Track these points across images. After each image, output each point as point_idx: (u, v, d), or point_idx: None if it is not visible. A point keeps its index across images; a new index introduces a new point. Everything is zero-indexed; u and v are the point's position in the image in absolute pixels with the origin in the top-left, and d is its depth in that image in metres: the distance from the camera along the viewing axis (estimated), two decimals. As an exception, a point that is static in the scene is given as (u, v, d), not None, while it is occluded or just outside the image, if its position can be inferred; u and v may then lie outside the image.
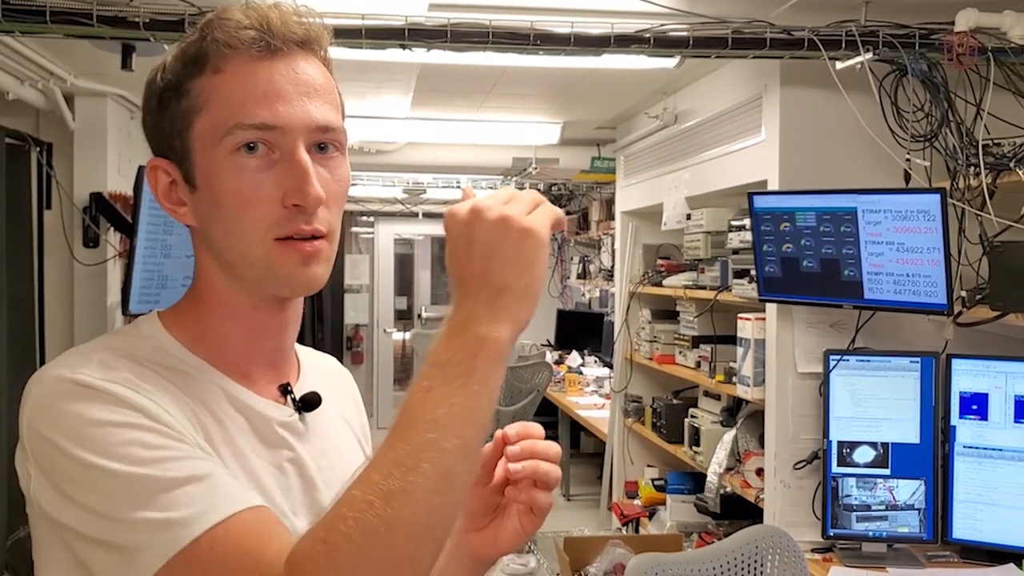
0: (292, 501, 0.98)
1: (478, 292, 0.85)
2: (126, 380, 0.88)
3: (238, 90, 0.93)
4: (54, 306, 4.20)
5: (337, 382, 1.18)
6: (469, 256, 0.86)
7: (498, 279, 0.85)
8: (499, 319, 0.85)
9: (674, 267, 4.52)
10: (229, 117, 0.93)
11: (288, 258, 0.94)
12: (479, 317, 0.84)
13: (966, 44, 2.61)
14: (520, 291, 0.86)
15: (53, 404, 0.86)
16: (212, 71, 0.94)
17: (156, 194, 0.99)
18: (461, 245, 0.86)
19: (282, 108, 0.93)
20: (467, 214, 0.86)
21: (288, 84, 0.94)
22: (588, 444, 7.48)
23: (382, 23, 2.67)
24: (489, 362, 0.83)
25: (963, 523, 2.86)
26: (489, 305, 0.85)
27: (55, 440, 0.84)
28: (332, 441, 1.07)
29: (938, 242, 2.65)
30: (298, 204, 0.93)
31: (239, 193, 0.93)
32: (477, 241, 0.86)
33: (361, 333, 9.78)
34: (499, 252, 0.85)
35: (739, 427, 3.64)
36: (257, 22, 0.94)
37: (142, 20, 2.52)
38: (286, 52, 0.95)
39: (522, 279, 0.86)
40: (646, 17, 2.80)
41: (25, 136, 3.92)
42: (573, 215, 8.14)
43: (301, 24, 0.97)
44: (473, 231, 0.86)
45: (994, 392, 2.83)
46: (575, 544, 3.68)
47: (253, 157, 0.93)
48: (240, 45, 0.93)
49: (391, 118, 5.06)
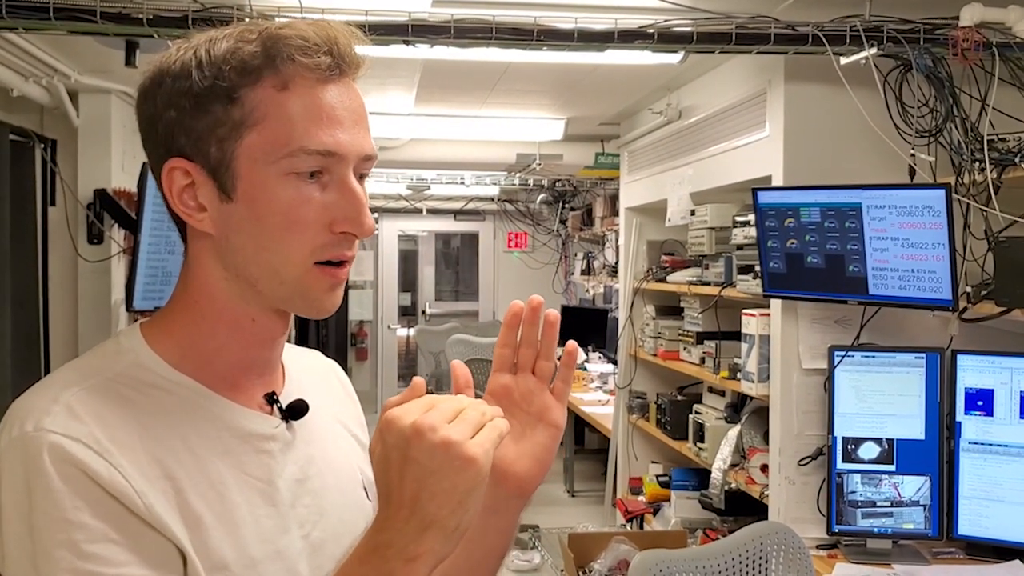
0: (281, 515, 0.96)
1: (405, 521, 0.81)
2: (89, 437, 0.85)
3: (302, 112, 0.91)
4: (58, 303, 4.20)
5: (323, 378, 1.15)
6: (401, 476, 0.81)
7: (429, 512, 0.81)
8: (419, 556, 0.81)
9: (678, 263, 4.52)
10: (292, 139, 0.90)
11: (321, 283, 0.94)
12: (399, 548, 0.81)
13: (971, 39, 2.60)
14: (449, 530, 0.82)
15: (11, 472, 0.84)
16: (277, 87, 0.91)
17: (170, 196, 0.94)
18: (395, 461, 0.82)
19: (342, 135, 0.92)
20: (408, 429, 0.81)
21: (346, 111, 0.93)
22: (592, 440, 7.48)
23: (386, 19, 2.67)
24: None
25: (968, 519, 2.85)
26: (413, 538, 0.81)
27: (6, 512, 0.83)
28: (321, 446, 1.04)
29: (943, 238, 2.64)
30: (348, 232, 0.93)
31: (289, 215, 0.91)
32: (413, 462, 0.81)
33: (365, 329, 9.79)
34: (434, 481, 0.80)
35: (743, 423, 3.64)
36: (327, 43, 0.92)
37: (146, 16, 2.51)
38: (349, 76, 0.94)
39: (453, 517, 0.82)
40: (650, 13, 2.80)
41: (29, 133, 3.93)
42: (577, 211, 8.14)
43: (359, 50, 0.95)
44: (411, 450, 0.81)
45: (999, 388, 2.82)
46: (579, 540, 3.69)
47: (310, 182, 0.92)
48: (313, 66, 0.91)
49: (395, 114, 5.06)
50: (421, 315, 10.20)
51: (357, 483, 1.08)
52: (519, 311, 1.00)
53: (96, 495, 0.83)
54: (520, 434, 1.01)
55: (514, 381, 1.02)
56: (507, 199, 9.17)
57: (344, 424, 1.14)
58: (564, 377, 1.04)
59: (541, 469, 1.02)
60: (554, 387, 1.04)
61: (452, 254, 10.69)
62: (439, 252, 10.51)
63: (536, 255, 9.27)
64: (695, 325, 4.19)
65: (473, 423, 0.83)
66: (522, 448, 1.01)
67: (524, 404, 1.02)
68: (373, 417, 0.84)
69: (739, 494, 3.66)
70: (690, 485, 4.28)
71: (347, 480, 1.07)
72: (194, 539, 0.87)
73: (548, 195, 8.43)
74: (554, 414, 1.02)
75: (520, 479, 1.01)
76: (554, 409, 1.03)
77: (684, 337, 4.33)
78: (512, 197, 9.11)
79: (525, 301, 1.01)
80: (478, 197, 8.99)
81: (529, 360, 1.03)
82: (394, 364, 9.85)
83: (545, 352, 1.03)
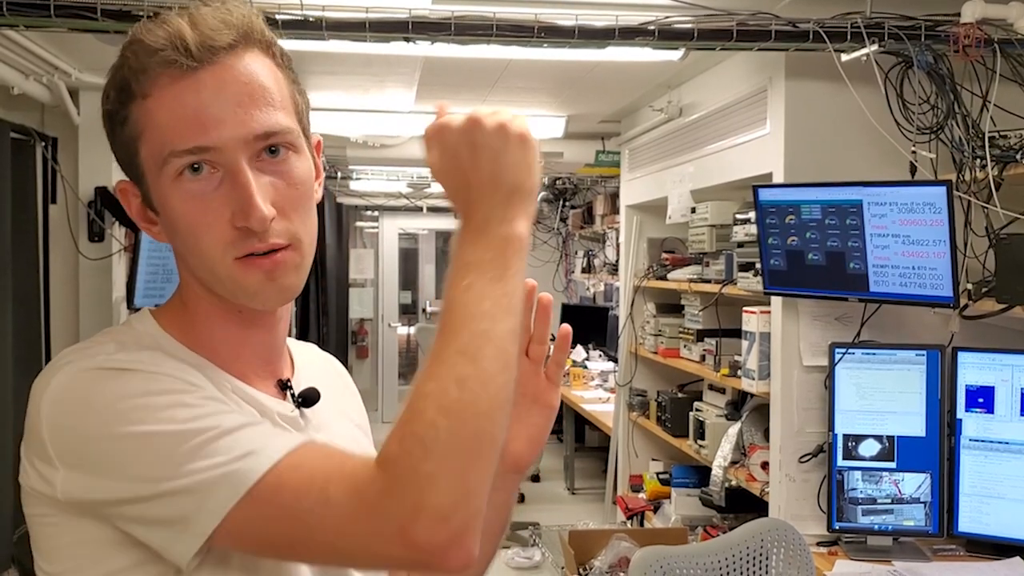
0: None
1: (491, 195, 0.89)
2: (149, 357, 0.89)
3: (167, 115, 0.90)
4: (59, 300, 4.20)
5: (324, 371, 1.16)
6: (475, 162, 0.89)
7: (509, 180, 0.89)
8: (516, 217, 0.89)
9: (679, 261, 4.52)
10: (164, 144, 0.90)
11: (251, 275, 0.93)
12: (497, 218, 0.89)
13: (972, 36, 2.60)
14: (528, 190, 0.91)
15: (77, 394, 0.86)
16: (141, 96, 0.91)
17: (131, 214, 0.99)
18: (464, 153, 0.90)
19: (214, 127, 0.89)
20: (466, 122, 0.90)
21: (217, 99, 0.90)
22: (593, 438, 7.48)
23: (386, 16, 2.67)
24: (517, 256, 0.88)
25: (969, 516, 2.85)
26: (504, 206, 0.89)
27: (87, 428, 0.84)
28: (332, 434, 1.06)
29: (944, 235, 2.64)
30: (243, 226, 0.91)
31: (189, 217, 0.91)
32: (481, 146, 0.89)
33: (366, 327, 9.80)
34: (505, 155, 0.89)
35: (744, 421, 3.64)
36: (170, 40, 0.89)
37: (146, 14, 2.50)
38: (211, 62, 0.90)
39: (529, 179, 0.91)
40: (651, 9, 2.80)
41: (30, 130, 3.93)
42: (578, 209, 8.14)
43: (226, 23, 0.91)
44: (475, 137, 0.89)
45: (1000, 385, 2.82)
46: (580, 537, 3.69)
47: (197, 180, 0.91)
48: (160, 67, 0.90)
49: (395, 112, 5.06)
50: (422, 313, 10.20)
51: None
52: None
53: (174, 382, 0.88)
54: (516, 415, 1.04)
55: None
56: (507, 197, 9.16)
57: (348, 416, 1.15)
58: (557, 360, 1.09)
59: (537, 447, 1.08)
60: (548, 370, 1.08)
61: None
62: (439, 250, 10.51)
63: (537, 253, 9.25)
64: (696, 322, 4.19)
65: (508, 112, 0.92)
66: (518, 429, 1.06)
67: (519, 387, 1.04)
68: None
69: (740, 491, 3.66)
70: (690, 482, 4.28)
71: None
72: None
73: (548, 193, 8.42)
74: (548, 395, 1.08)
75: (517, 456, 1.06)
76: (548, 391, 1.08)
77: (685, 335, 4.33)
78: (512, 195, 9.10)
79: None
80: (478, 195, 8.98)
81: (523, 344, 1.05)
82: (395, 362, 9.84)
83: (539, 336, 1.07)
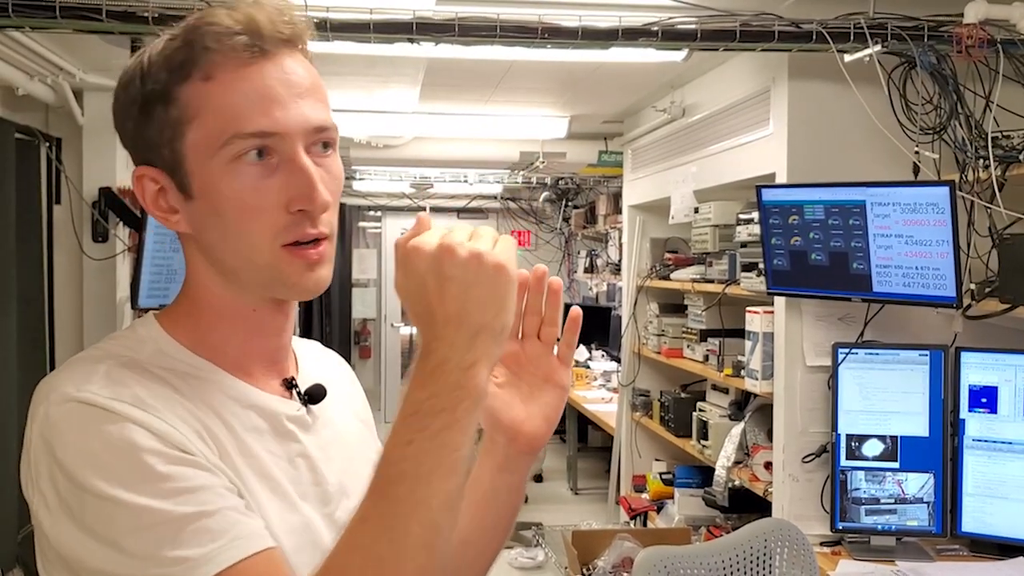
0: (303, 494, 0.98)
1: (454, 334, 0.83)
2: (134, 398, 0.87)
3: (231, 98, 0.91)
4: (63, 301, 4.21)
5: (327, 367, 1.17)
6: (442, 295, 0.83)
7: (476, 319, 0.83)
8: (477, 362, 0.83)
9: (682, 261, 4.52)
10: (226, 127, 0.90)
11: (295, 264, 0.94)
12: (455, 361, 0.83)
13: (975, 36, 2.60)
14: (497, 332, 0.85)
15: (62, 427, 0.85)
16: (201, 78, 0.91)
17: (144, 202, 0.97)
18: (431, 283, 0.83)
19: (279, 113, 0.91)
20: (437, 249, 0.83)
21: (281, 87, 0.92)
22: (596, 438, 7.48)
23: (390, 17, 2.67)
24: (469, 411, 0.83)
25: (972, 516, 2.85)
26: (466, 347, 0.83)
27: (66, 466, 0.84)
28: (338, 430, 1.07)
29: (947, 235, 2.64)
30: (304, 210, 0.92)
31: (242, 202, 0.92)
32: (450, 278, 0.83)
33: (369, 327, 9.80)
34: (474, 291, 0.83)
35: (747, 421, 3.64)
36: (244, 25, 0.91)
37: (151, 15, 2.52)
38: (274, 53, 0.93)
39: (498, 319, 0.85)
40: (654, 10, 2.80)
41: (34, 131, 3.94)
42: (580, 209, 8.14)
43: (286, 22, 0.94)
44: (444, 267, 0.83)
45: (1003, 385, 2.82)
46: (583, 538, 3.69)
47: (255, 165, 0.92)
48: (231, 51, 0.90)
49: (399, 112, 5.06)
50: (424, 313, 10.19)
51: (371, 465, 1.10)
52: (524, 280, 1.02)
53: (152, 440, 0.85)
54: (529, 396, 1.05)
55: (521, 347, 1.05)
56: (510, 197, 9.16)
57: (353, 411, 1.16)
58: (568, 341, 1.08)
59: (549, 428, 1.07)
60: (559, 351, 1.08)
61: (455, 252, 10.69)
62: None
63: (539, 253, 9.25)
64: (699, 323, 4.19)
65: (489, 238, 0.86)
66: (531, 409, 1.05)
67: (531, 368, 1.05)
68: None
69: (743, 491, 3.66)
70: (694, 482, 4.29)
71: (363, 463, 1.09)
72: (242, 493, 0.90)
73: (551, 193, 8.42)
74: (560, 376, 1.07)
75: (530, 437, 1.05)
76: (560, 371, 1.07)
77: (688, 335, 4.33)
78: (515, 195, 9.11)
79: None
80: (481, 195, 8.98)
81: (534, 327, 1.05)
82: (397, 362, 9.85)
83: (550, 318, 1.06)
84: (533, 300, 1.04)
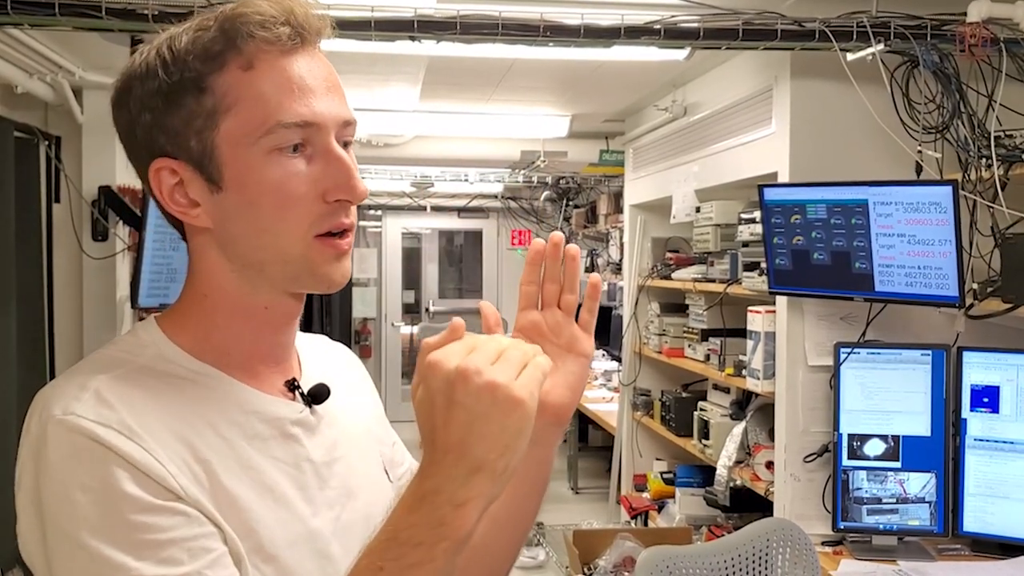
0: (310, 499, 0.97)
1: (452, 465, 0.78)
2: (120, 424, 0.85)
3: (273, 87, 0.91)
4: (63, 300, 4.20)
5: (334, 361, 1.16)
6: (447, 421, 0.78)
7: (477, 455, 0.78)
8: (469, 501, 0.78)
9: (683, 260, 4.51)
10: (268, 116, 0.90)
11: (326, 255, 0.94)
12: (448, 494, 0.78)
13: (978, 35, 2.59)
14: (498, 473, 0.79)
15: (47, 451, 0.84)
16: (242, 67, 0.91)
17: (161, 196, 0.95)
18: (440, 405, 0.78)
19: (317, 104, 0.92)
20: (453, 373, 0.78)
21: (316, 79, 0.93)
22: (597, 438, 7.48)
23: (391, 15, 2.67)
24: (448, 553, 0.78)
25: (974, 516, 2.85)
26: (461, 483, 0.78)
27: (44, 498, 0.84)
28: (344, 429, 1.05)
29: (950, 234, 2.64)
30: (343, 199, 0.93)
31: (282, 192, 0.91)
32: (459, 406, 0.78)
33: (369, 327, 9.79)
34: (481, 424, 0.78)
35: (749, 420, 3.63)
36: (284, 14, 0.91)
37: (151, 13, 2.51)
38: (312, 45, 0.94)
39: (502, 460, 0.79)
40: (656, 8, 2.79)
41: (34, 129, 3.93)
42: (581, 208, 8.13)
43: (318, 16, 0.95)
44: (456, 393, 0.78)
45: (1005, 385, 2.82)
46: (584, 537, 3.68)
47: (296, 156, 0.92)
48: (275, 40, 0.91)
49: (399, 111, 5.06)
50: (425, 312, 10.18)
51: (379, 464, 1.10)
52: (541, 249, 1.02)
53: (131, 473, 0.83)
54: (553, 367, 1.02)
55: (542, 316, 1.05)
56: (511, 196, 9.16)
57: (362, 405, 1.15)
58: (589, 308, 1.06)
59: (575, 397, 1.05)
60: (580, 318, 1.06)
61: (456, 252, 10.67)
62: (443, 249, 10.49)
63: (540, 253, 9.25)
64: (700, 322, 4.19)
65: (516, 363, 0.80)
66: (556, 379, 1.03)
67: (553, 337, 1.04)
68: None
69: (744, 491, 3.66)
70: (695, 482, 4.28)
71: (371, 462, 1.09)
72: (231, 520, 0.88)
73: (552, 192, 8.41)
74: (583, 344, 1.05)
75: (557, 407, 1.03)
76: (582, 339, 1.05)
77: (689, 334, 4.33)
78: (516, 194, 9.10)
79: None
80: (482, 194, 8.98)
81: (554, 295, 1.04)
82: (398, 361, 9.84)
83: (569, 286, 1.05)
84: (551, 268, 1.03)
